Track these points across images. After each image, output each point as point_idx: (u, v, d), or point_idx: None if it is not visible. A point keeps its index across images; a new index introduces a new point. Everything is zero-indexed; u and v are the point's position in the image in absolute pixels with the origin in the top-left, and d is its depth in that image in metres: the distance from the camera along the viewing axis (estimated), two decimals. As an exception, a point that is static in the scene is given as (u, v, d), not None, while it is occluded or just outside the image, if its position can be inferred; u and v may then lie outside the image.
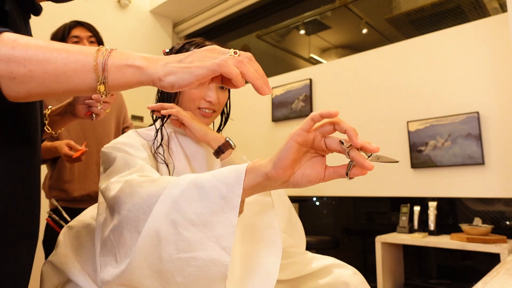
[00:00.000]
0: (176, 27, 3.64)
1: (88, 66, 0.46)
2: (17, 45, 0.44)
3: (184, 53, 0.51)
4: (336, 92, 2.60)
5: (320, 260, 0.88)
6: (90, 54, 0.47)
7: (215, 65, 0.48)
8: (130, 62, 0.48)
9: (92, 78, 0.46)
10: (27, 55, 0.44)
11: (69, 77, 0.45)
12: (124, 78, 0.48)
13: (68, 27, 1.64)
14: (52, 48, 0.45)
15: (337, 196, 2.58)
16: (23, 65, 0.44)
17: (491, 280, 0.75)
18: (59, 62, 0.45)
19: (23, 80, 0.44)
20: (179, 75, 0.48)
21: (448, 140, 2.05)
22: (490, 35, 1.99)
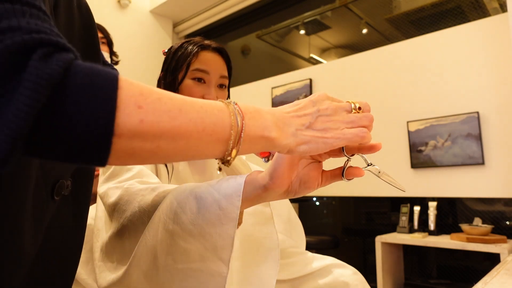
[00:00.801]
0: (176, 27, 3.64)
1: (223, 139, 0.38)
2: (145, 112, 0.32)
3: (305, 109, 0.45)
4: (336, 92, 2.60)
5: (320, 260, 0.88)
6: (226, 122, 0.38)
7: (358, 137, 0.45)
8: (266, 133, 0.40)
9: (220, 150, 0.39)
10: (159, 128, 0.33)
11: (198, 150, 0.37)
12: (254, 148, 0.41)
13: None
14: (186, 118, 0.35)
15: (337, 196, 2.58)
16: (150, 141, 0.33)
17: (491, 280, 0.75)
18: (193, 137, 0.35)
19: (143, 155, 0.34)
20: (312, 145, 0.43)
21: (448, 140, 2.05)
22: (490, 35, 1.99)
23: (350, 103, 0.48)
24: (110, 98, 0.30)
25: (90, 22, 0.51)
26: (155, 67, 3.22)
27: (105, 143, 0.30)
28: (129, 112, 0.31)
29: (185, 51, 0.87)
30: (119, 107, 0.30)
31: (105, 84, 0.30)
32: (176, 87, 0.86)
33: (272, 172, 0.50)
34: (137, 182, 0.64)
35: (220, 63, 0.89)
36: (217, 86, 0.88)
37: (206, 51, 0.88)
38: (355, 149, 0.50)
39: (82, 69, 0.30)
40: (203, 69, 0.86)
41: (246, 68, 3.77)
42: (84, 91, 0.29)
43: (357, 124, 0.46)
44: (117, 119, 0.30)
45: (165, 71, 0.90)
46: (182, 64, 0.86)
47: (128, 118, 0.31)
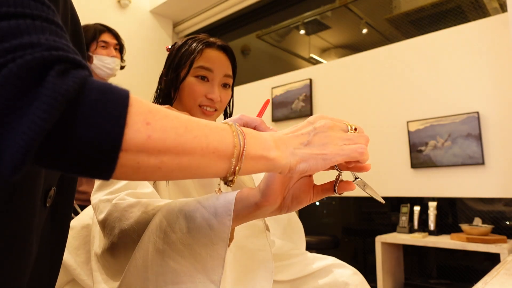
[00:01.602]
0: (176, 27, 3.64)
1: (225, 157, 0.39)
2: (153, 128, 0.33)
3: (303, 128, 0.46)
4: (336, 92, 2.60)
5: (320, 260, 0.88)
6: (229, 140, 0.39)
7: (357, 153, 0.45)
8: (266, 153, 0.41)
9: (223, 169, 0.39)
10: (165, 144, 0.34)
11: (201, 168, 0.38)
12: (255, 168, 0.41)
13: (98, 31, 1.68)
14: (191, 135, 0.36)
15: (337, 196, 2.58)
16: (155, 156, 0.34)
17: (491, 280, 0.75)
18: (197, 154, 0.36)
19: (147, 171, 0.35)
20: (311, 162, 0.43)
21: (448, 140, 2.05)
22: (490, 35, 1.99)
23: (347, 124, 0.49)
24: (120, 115, 0.31)
25: (78, 28, 0.51)
26: (155, 67, 3.22)
27: (112, 157, 0.31)
28: (137, 128, 0.32)
29: (189, 48, 0.85)
30: (128, 123, 0.31)
31: (117, 101, 0.31)
32: (178, 85, 0.84)
33: (264, 190, 0.49)
34: (128, 195, 0.62)
35: (225, 62, 0.87)
36: (220, 85, 0.86)
37: (211, 48, 0.85)
38: (345, 167, 0.49)
39: (96, 86, 0.31)
40: (207, 67, 0.83)
41: (246, 68, 3.77)
42: (97, 106, 0.30)
43: (354, 141, 0.46)
44: (126, 135, 0.31)
45: (167, 68, 0.87)
46: (186, 61, 0.83)
47: (136, 134, 0.32)
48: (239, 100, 3.10)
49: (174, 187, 0.78)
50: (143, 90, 2.79)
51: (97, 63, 1.67)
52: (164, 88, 0.88)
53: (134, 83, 2.88)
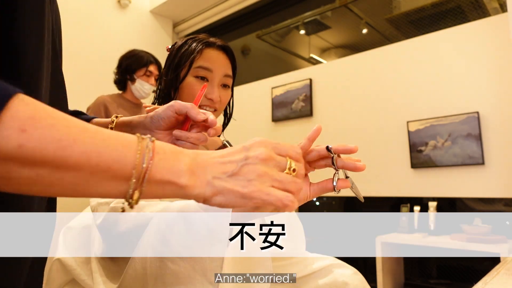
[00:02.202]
0: (176, 27, 3.64)
1: (122, 177, 0.34)
2: (27, 138, 0.30)
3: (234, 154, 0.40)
4: (336, 92, 2.60)
5: (320, 261, 0.88)
6: (128, 159, 0.34)
7: (281, 203, 0.39)
8: (175, 178, 0.36)
9: (118, 191, 0.35)
10: (41, 155, 0.30)
11: (90, 186, 0.34)
12: (161, 194, 0.37)
13: (149, 62, 1.98)
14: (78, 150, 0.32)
15: (337, 196, 2.58)
16: (28, 167, 0.30)
17: (491, 280, 0.75)
18: (84, 171, 0.32)
19: (21, 182, 0.31)
20: (229, 198, 0.38)
21: (448, 140, 2.05)
22: (490, 35, 1.99)
23: (287, 160, 0.42)
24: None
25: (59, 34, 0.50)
26: (155, 67, 3.22)
27: None
28: (8, 134, 0.29)
29: (189, 47, 0.85)
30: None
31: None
32: (178, 85, 0.83)
33: None
34: None
35: (225, 62, 0.87)
36: (220, 86, 0.86)
37: (210, 48, 0.85)
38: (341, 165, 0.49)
39: None
40: (207, 66, 0.83)
41: (246, 68, 3.77)
42: None
43: (284, 186, 0.40)
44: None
45: (167, 68, 0.87)
46: (185, 61, 0.83)
47: (5, 140, 0.29)
48: (239, 100, 3.10)
49: None
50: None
51: (137, 86, 1.99)
52: (164, 88, 0.87)
53: (134, 83, 2.88)
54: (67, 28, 2.71)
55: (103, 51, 2.89)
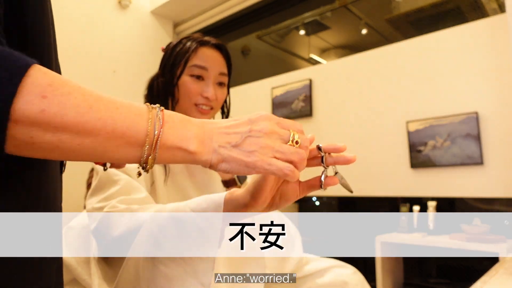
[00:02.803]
0: (176, 28, 3.64)
1: (135, 144, 0.36)
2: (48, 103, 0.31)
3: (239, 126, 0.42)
4: (336, 92, 2.60)
5: (319, 261, 0.89)
6: (141, 126, 0.37)
7: (282, 173, 0.41)
8: (184, 145, 0.39)
9: (133, 156, 0.37)
10: (62, 121, 0.31)
11: (108, 152, 0.35)
12: (174, 159, 0.40)
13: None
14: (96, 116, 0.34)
15: (337, 196, 2.58)
16: (51, 132, 0.31)
17: (490, 279, 0.75)
18: (101, 136, 0.34)
19: (43, 147, 0.32)
20: (233, 165, 0.41)
21: (447, 140, 2.06)
22: (489, 36, 2.00)
23: (290, 133, 0.43)
24: (11, 83, 0.29)
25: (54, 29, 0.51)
26: (156, 68, 3.22)
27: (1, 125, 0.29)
28: (30, 99, 0.30)
29: (184, 47, 0.85)
30: (20, 92, 0.29)
31: (12, 68, 0.29)
32: (174, 84, 0.83)
33: (254, 193, 0.49)
34: (119, 202, 0.63)
35: (220, 60, 0.87)
36: (216, 84, 0.86)
37: (205, 47, 0.86)
38: (332, 162, 0.49)
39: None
40: (202, 65, 0.83)
41: (246, 68, 3.77)
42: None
43: (286, 157, 0.42)
44: (16, 104, 0.29)
45: (162, 68, 0.87)
46: (180, 60, 0.83)
47: (27, 105, 0.30)
48: (239, 100, 3.11)
49: (172, 187, 0.79)
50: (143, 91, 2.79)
51: None
52: (160, 88, 0.87)
53: (134, 83, 2.89)
54: (68, 28, 2.72)
55: (103, 52, 2.89)
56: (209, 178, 0.86)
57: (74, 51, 2.65)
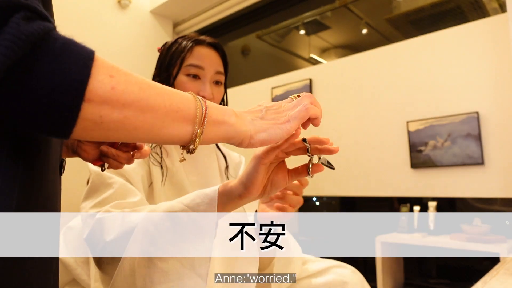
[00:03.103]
0: (176, 27, 3.64)
1: (188, 118, 0.40)
2: (117, 81, 0.34)
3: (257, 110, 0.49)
4: (336, 92, 2.60)
5: (319, 262, 0.88)
6: (191, 103, 0.41)
7: (303, 111, 0.48)
8: (227, 118, 0.44)
9: (187, 131, 0.40)
10: (129, 97, 0.34)
11: (165, 127, 0.38)
12: (217, 134, 0.43)
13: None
14: (155, 92, 0.37)
15: (337, 196, 2.58)
16: (119, 110, 0.34)
17: (491, 279, 0.75)
18: (161, 110, 0.37)
19: (110, 126, 0.34)
20: (271, 131, 0.46)
21: (447, 140, 2.05)
22: (489, 35, 2.00)
23: (291, 97, 0.52)
24: (85, 65, 0.31)
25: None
26: (155, 67, 3.22)
27: (74, 107, 0.31)
28: (101, 79, 0.32)
29: (179, 46, 0.84)
30: (92, 74, 0.31)
31: (82, 53, 0.31)
32: (171, 84, 0.83)
33: (247, 182, 0.52)
34: (113, 206, 0.63)
35: (216, 59, 0.86)
36: (212, 83, 0.85)
37: (200, 46, 0.85)
38: (317, 150, 0.53)
39: (62, 38, 0.31)
40: (197, 64, 0.82)
41: (246, 68, 3.77)
42: (61, 55, 0.30)
43: (299, 104, 0.49)
44: (89, 84, 0.31)
45: (159, 68, 0.87)
46: (176, 59, 0.83)
47: (100, 84, 0.32)
48: (240, 100, 3.10)
49: (170, 188, 0.78)
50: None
51: None
52: None
53: (134, 83, 2.89)
54: (67, 28, 2.71)
55: (103, 51, 2.86)
56: (207, 178, 0.85)
57: (74, 51, 2.65)
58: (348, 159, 2.41)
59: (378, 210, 2.60)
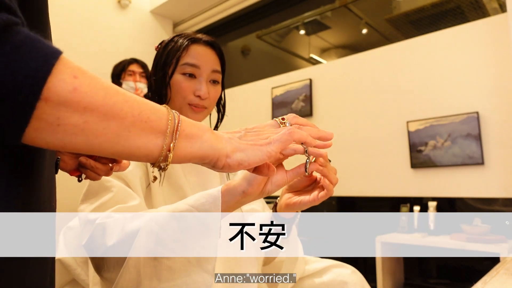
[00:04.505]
0: (176, 27, 3.64)
1: (159, 128, 0.37)
2: (80, 82, 0.31)
3: (234, 131, 0.47)
4: (336, 92, 2.60)
5: (319, 262, 0.88)
6: (163, 114, 0.38)
7: (286, 135, 0.45)
8: (201, 133, 0.41)
9: (156, 144, 0.37)
10: (92, 101, 0.32)
11: (131, 138, 0.35)
12: (191, 149, 0.40)
13: (127, 63, 2.10)
14: (122, 99, 0.34)
15: (337, 196, 2.58)
16: (79, 113, 0.31)
17: (491, 280, 0.75)
18: (127, 119, 0.34)
19: (68, 130, 0.31)
20: (249, 152, 0.43)
21: (447, 140, 2.05)
22: (489, 35, 2.00)
23: (277, 121, 0.51)
24: (46, 62, 0.29)
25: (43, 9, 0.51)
26: (155, 67, 3.22)
27: (28, 105, 0.28)
28: (63, 78, 0.30)
29: (175, 45, 0.83)
30: (54, 72, 0.29)
31: (45, 50, 0.29)
32: (167, 83, 0.82)
33: (252, 180, 0.53)
34: (113, 211, 0.62)
35: (212, 57, 0.84)
36: (209, 82, 0.84)
37: (196, 44, 0.83)
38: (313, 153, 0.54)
39: (27, 34, 0.29)
40: (193, 63, 0.81)
41: (246, 68, 3.77)
42: (20, 49, 0.28)
43: (290, 129, 0.47)
44: (49, 83, 0.29)
45: (155, 67, 0.85)
46: (172, 58, 0.82)
47: (61, 83, 0.30)
48: (239, 100, 3.10)
49: (168, 188, 0.78)
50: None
51: (125, 87, 2.06)
52: (155, 88, 0.86)
53: (134, 83, 2.89)
54: (67, 27, 2.71)
55: (103, 51, 2.89)
56: (206, 178, 0.85)
57: (73, 50, 2.65)
58: (348, 159, 2.41)
59: (378, 210, 2.59)
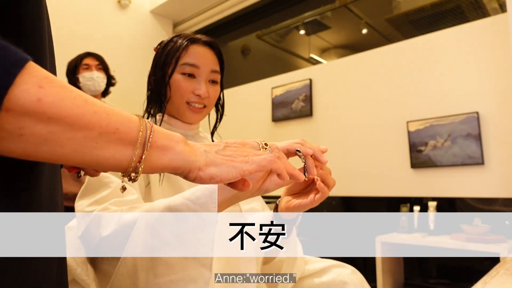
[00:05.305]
0: (176, 27, 3.64)
1: (128, 142, 0.36)
2: (45, 93, 0.30)
3: (214, 144, 0.46)
4: (336, 92, 2.60)
5: (319, 262, 0.88)
6: (134, 125, 0.37)
7: (266, 161, 0.44)
8: (173, 144, 0.40)
9: (125, 155, 0.36)
10: (57, 111, 0.31)
11: (97, 148, 0.34)
12: (162, 161, 0.39)
13: (80, 57, 2.03)
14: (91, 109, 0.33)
15: (337, 196, 2.58)
16: (43, 123, 0.30)
17: (491, 280, 0.75)
18: (95, 130, 0.33)
19: (31, 140, 0.30)
20: (223, 168, 0.42)
21: (447, 140, 2.05)
22: (489, 35, 2.00)
23: (258, 143, 0.50)
24: (8, 72, 0.28)
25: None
26: (155, 67, 3.22)
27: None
28: (26, 88, 0.29)
29: (175, 45, 0.84)
30: (16, 82, 0.29)
31: (10, 59, 0.29)
32: (166, 83, 0.82)
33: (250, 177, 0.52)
34: (112, 204, 0.63)
35: (211, 57, 0.85)
36: (208, 82, 0.84)
37: (196, 44, 0.84)
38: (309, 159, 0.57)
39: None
40: (193, 63, 0.82)
41: (246, 68, 3.77)
42: None
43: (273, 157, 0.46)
44: (11, 93, 0.28)
45: (154, 67, 0.86)
46: (171, 58, 0.82)
47: (24, 93, 0.29)
48: (240, 100, 3.10)
49: (168, 188, 0.78)
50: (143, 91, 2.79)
51: (82, 80, 2.01)
52: (154, 88, 0.86)
53: (134, 83, 2.88)
54: (67, 27, 2.72)
55: (103, 51, 2.88)
56: None
57: (73, 50, 2.65)
58: (348, 159, 2.41)
59: (378, 210, 2.60)
